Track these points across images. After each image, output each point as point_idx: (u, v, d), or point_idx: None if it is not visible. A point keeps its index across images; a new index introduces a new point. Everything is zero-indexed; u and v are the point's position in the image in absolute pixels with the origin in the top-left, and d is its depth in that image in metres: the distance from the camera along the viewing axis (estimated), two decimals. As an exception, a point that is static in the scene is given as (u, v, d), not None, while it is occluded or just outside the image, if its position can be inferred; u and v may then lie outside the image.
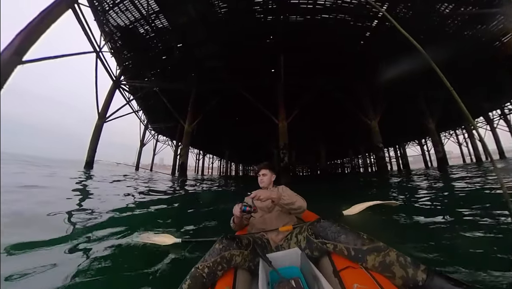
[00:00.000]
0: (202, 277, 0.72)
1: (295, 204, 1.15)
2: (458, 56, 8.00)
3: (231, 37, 8.26)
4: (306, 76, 9.71)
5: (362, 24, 7.64)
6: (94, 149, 9.38)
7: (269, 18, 7.64)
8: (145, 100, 13.28)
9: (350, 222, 1.45)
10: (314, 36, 8.12)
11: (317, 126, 15.13)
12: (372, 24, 7.61)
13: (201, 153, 25.52)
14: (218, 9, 7.45)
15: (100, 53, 8.22)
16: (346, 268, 0.70)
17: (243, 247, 0.84)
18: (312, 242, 0.83)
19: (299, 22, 7.70)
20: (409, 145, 24.18)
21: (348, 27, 7.71)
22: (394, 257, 0.67)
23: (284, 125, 8.31)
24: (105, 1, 6.81)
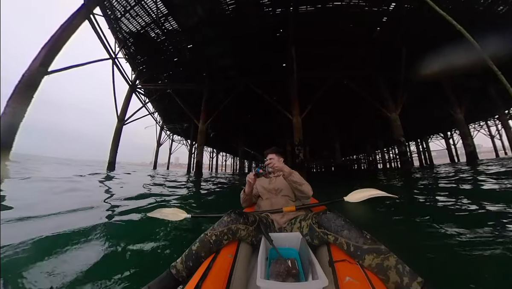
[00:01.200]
0: (209, 243, 0.81)
1: (302, 186, 1.23)
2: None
3: (240, 34, 8.15)
4: (320, 68, 9.29)
5: (378, 8, 7.08)
6: (115, 150, 10.00)
7: (278, 10, 7.39)
8: (160, 102, 13.77)
9: (355, 210, 1.46)
10: (327, 26, 7.71)
11: (332, 121, 14.58)
12: (389, 8, 7.02)
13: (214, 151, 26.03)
14: (226, 6, 7.37)
15: (116, 59, 8.60)
16: (342, 260, 0.72)
17: (249, 223, 0.90)
18: (314, 231, 0.85)
19: (310, 13, 7.35)
20: (432, 138, 22.30)
21: (362, 13, 7.20)
22: (393, 262, 0.66)
23: (298, 120, 8.06)
24: (117, 9, 7.07)
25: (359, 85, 8.84)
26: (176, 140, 20.21)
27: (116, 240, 1.38)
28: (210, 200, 3.22)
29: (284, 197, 1.33)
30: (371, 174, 11.35)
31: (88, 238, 1.38)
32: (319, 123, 14.27)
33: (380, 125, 14.05)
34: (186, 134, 18.73)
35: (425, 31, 7.36)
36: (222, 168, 34.40)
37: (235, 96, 10.28)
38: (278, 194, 1.35)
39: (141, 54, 9.87)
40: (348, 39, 8.18)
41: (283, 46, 8.43)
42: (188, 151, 17.92)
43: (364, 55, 8.85)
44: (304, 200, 1.35)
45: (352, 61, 9.12)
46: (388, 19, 7.32)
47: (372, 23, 7.58)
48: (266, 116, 14.51)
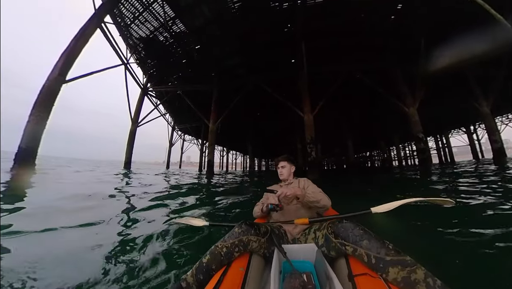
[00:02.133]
0: (220, 255, 0.78)
1: (320, 202, 1.16)
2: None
3: (247, 32, 8.04)
4: (331, 63, 8.91)
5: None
6: (130, 150, 10.48)
7: (285, 5, 7.17)
8: (170, 104, 14.10)
9: (377, 223, 1.30)
10: (337, 17, 7.35)
11: (344, 117, 14.10)
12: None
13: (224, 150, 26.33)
14: (232, 4, 7.28)
15: (128, 64, 8.89)
16: (363, 274, 0.66)
17: (261, 234, 0.87)
18: (331, 241, 0.80)
19: (319, 4, 7.04)
20: (452, 133, 20.73)
21: (374, 1, 6.73)
22: (422, 276, 0.60)
23: (310, 118, 7.80)
24: (126, 16, 7.26)
25: (373, 79, 8.41)
26: (187, 140, 20.72)
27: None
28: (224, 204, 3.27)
29: (297, 205, 1.28)
30: (387, 173, 10.78)
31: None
32: (330, 120, 13.87)
33: (396, 120, 13.37)
34: (196, 133, 19.09)
35: (444, 16, 6.78)
36: (232, 166, 34.83)
37: (244, 95, 10.23)
38: (291, 202, 1.30)
39: (151, 58, 10.11)
40: (360, 30, 7.73)
41: (291, 41, 8.19)
42: (199, 150, 18.28)
43: (378, 48, 8.37)
44: (321, 211, 1.28)
45: (365, 54, 8.67)
46: (403, 5, 6.81)
47: (385, 10, 7.08)
48: (275, 115, 14.37)
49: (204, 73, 10.78)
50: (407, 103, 7.76)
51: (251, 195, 3.92)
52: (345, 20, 7.37)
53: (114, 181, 5.36)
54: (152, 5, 7.08)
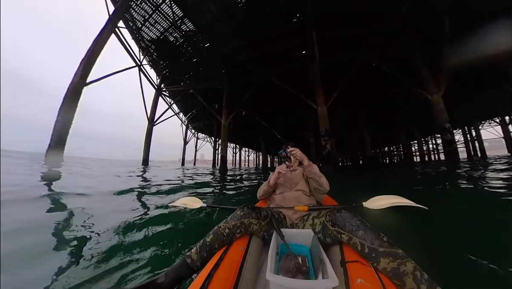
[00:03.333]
0: (223, 236, 0.84)
1: (321, 178, 1.25)
2: None
3: (255, 26, 7.94)
4: (345, 51, 8.46)
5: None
6: (147, 149, 11.07)
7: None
8: (184, 103, 14.54)
9: (371, 216, 1.33)
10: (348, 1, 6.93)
11: (360, 109, 13.41)
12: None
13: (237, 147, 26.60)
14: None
15: (142, 66, 9.28)
16: (354, 261, 0.69)
17: (261, 218, 0.92)
18: (327, 229, 0.83)
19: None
20: (483, 125, 18.35)
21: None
22: (411, 268, 0.63)
23: (323, 109, 7.51)
24: (137, 19, 7.57)
25: (391, 66, 7.84)
26: (200, 138, 21.28)
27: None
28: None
29: (298, 192, 1.32)
30: (409, 168, 9.93)
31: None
32: (345, 113, 13.28)
33: (418, 111, 12.40)
34: (209, 131, 19.48)
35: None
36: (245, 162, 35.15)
37: (255, 90, 10.18)
38: (293, 188, 1.35)
39: (163, 59, 10.46)
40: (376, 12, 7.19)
41: (301, 31, 7.90)
42: (212, 148, 18.68)
43: (396, 31, 7.75)
44: (319, 195, 1.33)
45: (381, 39, 8.09)
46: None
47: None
48: (287, 109, 14.14)
49: (215, 70, 10.90)
50: (430, 90, 7.11)
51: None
52: (358, 3, 6.91)
53: (140, 173, 5.73)
54: (161, 6, 7.28)
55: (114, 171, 5.77)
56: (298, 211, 1.15)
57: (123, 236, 1.34)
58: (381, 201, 1.31)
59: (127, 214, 1.76)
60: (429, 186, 3.53)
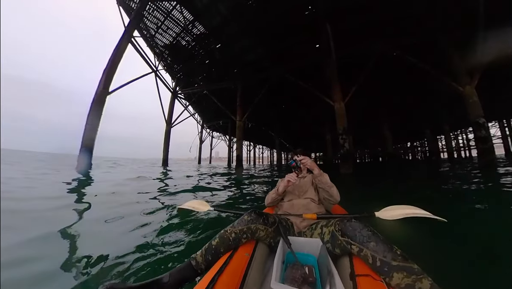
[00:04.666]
0: (229, 240, 0.83)
1: (332, 189, 1.20)
2: None
3: (265, 24, 7.75)
4: (362, 42, 7.87)
5: None
6: (166, 149, 11.68)
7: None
8: (198, 104, 14.94)
9: (384, 227, 1.23)
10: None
11: (380, 102, 12.51)
12: None
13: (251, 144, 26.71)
14: (247, -3, 7.06)
15: (157, 71, 9.67)
16: (365, 275, 0.66)
17: (269, 224, 0.90)
18: (337, 239, 0.80)
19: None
20: None
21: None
22: (427, 286, 0.58)
23: (341, 106, 7.11)
24: (150, 27, 7.86)
25: (416, 56, 7.12)
26: (215, 136, 21.77)
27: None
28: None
29: (307, 199, 1.29)
30: (434, 166, 9.04)
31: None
32: (363, 107, 12.50)
33: (447, 103, 11.19)
34: (224, 130, 19.80)
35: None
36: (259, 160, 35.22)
37: (268, 88, 10.05)
38: (302, 195, 1.32)
39: (177, 63, 10.78)
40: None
41: (314, 24, 7.52)
42: (227, 146, 19.00)
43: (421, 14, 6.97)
44: (329, 205, 1.29)
45: (403, 26, 7.36)
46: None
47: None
48: (302, 106, 13.75)
49: (227, 70, 10.96)
50: (461, 80, 6.34)
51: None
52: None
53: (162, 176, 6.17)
54: (172, 13, 7.45)
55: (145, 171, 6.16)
56: (306, 219, 1.12)
57: (132, 235, 1.43)
58: (394, 211, 1.22)
59: (138, 217, 1.88)
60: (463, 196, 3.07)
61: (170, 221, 1.77)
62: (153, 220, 1.77)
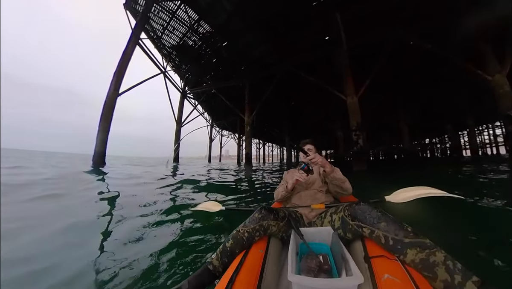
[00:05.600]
0: (242, 240, 0.83)
1: (345, 183, 1.18)
2: None
3: (270, 18, 7.53)
4: (377, 30, 7.31)
5: None
6: (177, 148, 11.90)
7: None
8: (207, 103, 15.08)
9: (395, 211, 1.17)
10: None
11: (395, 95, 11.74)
12: None
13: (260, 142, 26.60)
14: (251, -10, 6.88)
15: (166, 72, 9.85)
16: (379, 256, 0.67)
17: (279, 219, 0.91)
18: (347, 224, 0.81)
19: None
20: None
21: None
22: (441, 258, 0.58)
23: (354, 101, 6.69)
24: (157, 29, 7.97)
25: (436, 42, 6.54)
26: (224, 135, 21.96)
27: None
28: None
29: (314, 190, 1.29)
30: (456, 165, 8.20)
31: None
32: (377, 100, 11.83)
33: (471, 94, 10.22)
34: (233, 128, 19.87)
35: None
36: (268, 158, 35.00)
37: (276, 84, 9.85)
38: (309, 187, 1.32)
39: (184, 64, 10.92)
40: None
41: (323, 15, 7.16)
42: (237, 144, 19.06)
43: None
44: (338, 194, 1.29)
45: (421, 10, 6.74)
46: None
47: None
48: (311, 102, 13.37)
49: (234, 68, 10.90)
50: (489, 68, 5.71)
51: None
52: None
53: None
54: (176, 13, 7.50)
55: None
56: (314, 209, 1.12)
57: (147, 242, 1.40)
58: (406, 193, 1.16)
59: (151, 217, 1.89)
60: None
61: (183, 223, 1.75)
62: (166, 222, 1.74)
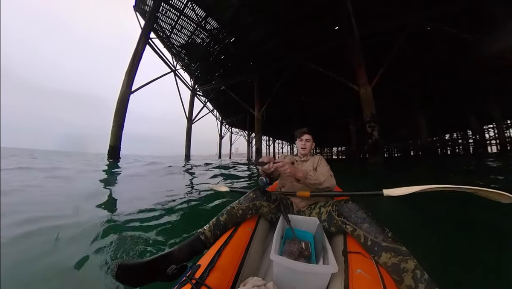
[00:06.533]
0: (236, 216, 0.89)
1: (323, 184, 1.13)
2: None
3: (278, 10, 7.37)
4: (392, 16, 6.91)
5: None
6: (188, 145, 12.29)
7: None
8: (217, 100, 15.26)
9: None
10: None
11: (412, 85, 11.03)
12: None
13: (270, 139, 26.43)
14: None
15: (176, 71, 10.08)
16: (356, 252, 0.71)
17: (271, 201, 0.97)
18: (333, 218, 0.85)
19: None
20: None
21: None
22: (412, 266, 0.62)
23: (367, 91, 6.43)
24: (165, 28, 8.13)
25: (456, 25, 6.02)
26: (234, 132, 22.11)
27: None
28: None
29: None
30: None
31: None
32: (391, 93, 11.21)
33: (498, 83, 9.27)
34: (243, 125, 19.94)
35: None
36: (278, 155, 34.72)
37: (286, 78, 9.71)
38: (287, 179, 1.30)
39: (193, 62, 11.10)
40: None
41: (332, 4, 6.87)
42: (246, 141, 19.14)
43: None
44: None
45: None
46: None
47: None
48: (321, 96, 13.02)
49: (243, 64, 10.89)
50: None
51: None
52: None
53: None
54: (184, 11, 7.61)
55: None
56: (305, 199, 1.16)
57: (153, 212, 1.66)
58: (409, 188, 1.04)
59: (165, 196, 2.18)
60: None
61: (190, 199, 2.04)
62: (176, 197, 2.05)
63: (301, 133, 1.35)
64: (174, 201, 1.96)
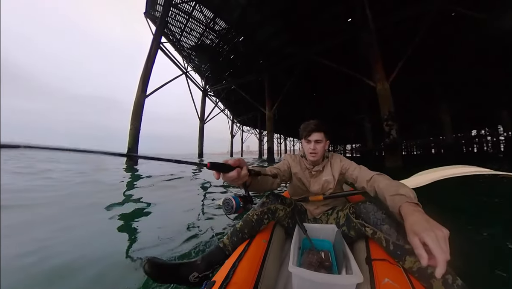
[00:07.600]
0: (252, 222, 0.86)
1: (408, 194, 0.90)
2: None
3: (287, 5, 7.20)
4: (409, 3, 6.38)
5: None
6: (201, 143, 12.63)
7: None
8: (228, 99, 15.41)
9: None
10: None
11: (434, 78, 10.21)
12: None
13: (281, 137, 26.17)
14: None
15: (187, 73, 10.32)
16: (381, 259, 0.66)
17: (286, 204, 0.93)
18: (351, 221, 0.80)
19: None
20: None
21: None
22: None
23: (385, 87, 6.04)
24: (175, 32, 8.31)
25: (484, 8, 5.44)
26: (245, 130, 22.25)
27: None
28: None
29: (325, 179, 1.04)
30: None
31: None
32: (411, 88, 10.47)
33: None
34: (254, 123, 19.95)
35: None
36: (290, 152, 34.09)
37: (297, 76, 9.49)
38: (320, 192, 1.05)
39: (204, 63, 11.29)
40: None
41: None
42: (258, 139, 19.16)
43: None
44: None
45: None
46: None
47: None
48: (335, 93, 12.59)
49: (253, 62, 10.85)
50: None
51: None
52: None
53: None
54: (192, 13, 7.72)
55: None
56: (320, 206, 1.06)
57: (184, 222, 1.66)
58: (426, 176, 0.98)
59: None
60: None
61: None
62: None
63: (309, 132, 0.98)
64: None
